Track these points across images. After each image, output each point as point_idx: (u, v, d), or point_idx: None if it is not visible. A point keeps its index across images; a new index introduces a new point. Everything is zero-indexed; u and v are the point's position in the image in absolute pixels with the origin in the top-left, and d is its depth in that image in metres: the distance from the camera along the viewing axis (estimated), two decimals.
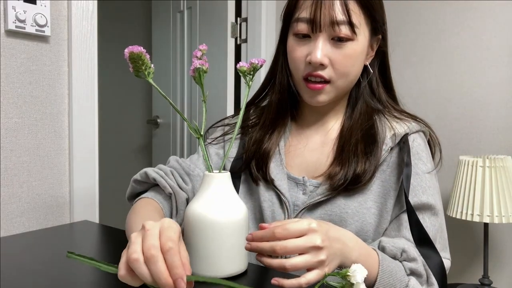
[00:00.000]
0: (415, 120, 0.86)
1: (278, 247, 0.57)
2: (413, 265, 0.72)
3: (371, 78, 0.87)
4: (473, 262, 1.71)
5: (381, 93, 0.87)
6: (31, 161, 1.11)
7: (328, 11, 0.76)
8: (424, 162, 0.81)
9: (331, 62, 0.78)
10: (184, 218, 0.71)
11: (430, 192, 0.80)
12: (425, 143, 0.85)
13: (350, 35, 0.77)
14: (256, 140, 0.89)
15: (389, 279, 0.69)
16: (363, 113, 0.85)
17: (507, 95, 1.64)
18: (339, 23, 0.76)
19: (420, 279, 0.72)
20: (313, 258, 0.58)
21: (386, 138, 0.82)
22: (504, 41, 1.64)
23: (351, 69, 0.80)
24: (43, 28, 1.11)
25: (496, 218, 1.40)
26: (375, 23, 0.82)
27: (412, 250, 0.73)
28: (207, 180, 0.70)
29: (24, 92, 1.10)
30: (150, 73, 0.67)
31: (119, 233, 0.96)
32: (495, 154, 1.60)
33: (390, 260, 0.71)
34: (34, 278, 0.69)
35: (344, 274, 0.54)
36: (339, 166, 0.80)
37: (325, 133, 0.89)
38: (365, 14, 0.79)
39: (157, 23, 2.52)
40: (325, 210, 0.81)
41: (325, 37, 0.78)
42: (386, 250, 0.73)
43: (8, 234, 1.06)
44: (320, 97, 0.81)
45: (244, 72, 0.75)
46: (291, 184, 0.86)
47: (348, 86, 0.84)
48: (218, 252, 0.67)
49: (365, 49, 0.82)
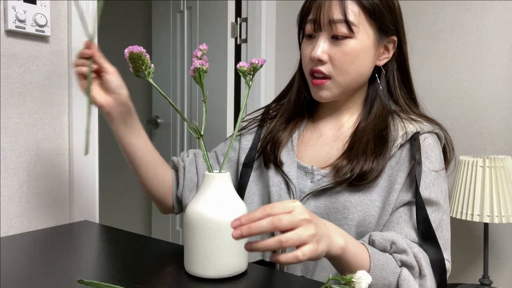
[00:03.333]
0: (430, 122, 0.87)
1: (275, 218, 0.57)
2: (403, 256, 0.72)
3: (389, 79, 0.90)
4: (473, 262, 1.71)
5: (399, 95, 0.90)
6: (31, 161, 1.11)
7: (326, 12, 0.81)
8: (431, 161, 0.82)
9: (330, 59, 0.83)
10: (184, 218, 0.71)
11: (434, 189, 0.80)
12: (436, 144, 0.85)
13: (347, 33, 0.81)
14: (272, 130, 0.95)
15: (381, 272, 0.70)
16: (379, 114, 0.87)
17: (507, 95, 1.64)
18: (336, 21, 0.81)
19: (412, 270, 0.72)
20: (305, 232, 0.58)
21: (397, 137, 0.83)
22: (504, 41, 1.64)
23: (351, 67, 0.83)
24: (43, 28, 1.11)
25: (496, 218, 1.40)
26: (381, 24, 0.84)
27: (401, 242, 0.73)
28: (207, 180, 0.70)
29: (24, 92, 1.10)
30: (150, 73, 0.67)
31: (119, 233, 0.96)
32: (495, 154, 1.60)
33: (380, 253, 0.72)
34: (34, 278, 0.69)
35: (349, 280, 0.54)
36: (346, 160, 0.83)
37: (338, 129, 0.91)
38: (366, 14, 0.82)
39: (157, 23, 2.52)
40: (330, 198, 0.83)
41: (326, 35, 0.83)
42: (375, 243, 0.74)
43: (8, 234, 1.06)
44: (323, 92, 0.86)
45: (244, 72, 0.75)
46: (300, 173, 0.89)
47: (351, 84, 0.86)
48: (218, 252, 0.67)
49: (369, 49, 0.84)
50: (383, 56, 0.88)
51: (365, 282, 0.53)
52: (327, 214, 0.82)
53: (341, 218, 0.81)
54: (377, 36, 0.85)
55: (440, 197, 0.81)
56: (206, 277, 0.67)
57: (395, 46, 0.88)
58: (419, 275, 0.72)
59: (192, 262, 0.68)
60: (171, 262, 0.76)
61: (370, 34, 0.83)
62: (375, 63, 0.88)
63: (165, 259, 0.80)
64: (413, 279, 0.71)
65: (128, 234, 0.94)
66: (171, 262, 0.76)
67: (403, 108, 0.89)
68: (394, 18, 0.86)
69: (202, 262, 0.67)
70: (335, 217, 0.82)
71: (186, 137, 2.33)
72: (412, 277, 0.71)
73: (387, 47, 0.88)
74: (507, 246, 1.65)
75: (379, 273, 0.70)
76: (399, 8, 0.88)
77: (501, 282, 1.65)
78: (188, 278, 0.69)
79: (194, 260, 0.68)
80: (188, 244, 0.68)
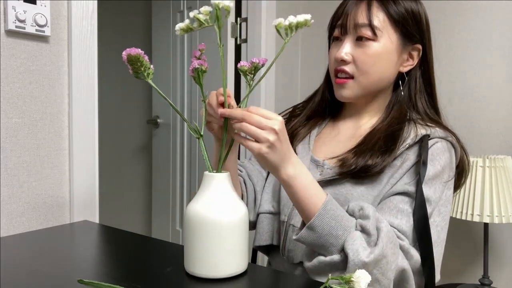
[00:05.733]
0: (445, 130, 0.88)
1: (247, 114, 0.68)
2: (364, 222, 0.73)
3: (411, 87, 0.92)
4: (473, 262, 1.71)
5: (419, 103, 0.92)
6: (31, 161, 1.11)
7: (353, 17, 0.88)
8: (434, 164, 0.83)
9: (354, 59, 0.88)
10: (184, 218, 0.71)
11: (426, 188, 0.80)
12: (445, 150, 0.85)
13: (371, 36, 0.86)
14: (293, 125, 1.00)
15: (331, 221, 0.72)
16: (396, 117, 0.90)
17: (507, 95, 1.64)
18: (361, 25, 0.87)
19: (368, 238, 0.71)
20: (264, 134, 0.68)
21: (408, 138, 0.85)
22: (505, 41, 1.64)
23: (373, 68, 0.88)
24: (43, 28, 1.11)
25: (496, 218, 1.40)
26: (405, 31, 0.88)
27: (369, 209, 0.74)
28: (207, 180, 0.70)
29: (24, 92, 1.10)
30: (149, 74, 0.67)
31: (119, 233, 0.96)
32: (495, 154, 1.60)
33: (340, 209, 0.75)
34: (34, 278, 0.69)
35: (348, 279, 0.54)
36: (353, 154, 0.86)
37: (356, 129, 0.95)
38: (390, 20, 0.87)
39: (157, 23, 2.52)
40: (334, 189, 0.86)
41: (351, 38, 0.89)
42: (349, 207, 0.78)
43: (8, 234, 1.06)
44: (344, 91, 0.90)
45: (245, 72, 0.75)
46: (313, 166, 0.93)
47: (372, 85, 0.90)
48: (218, 252, 0.67)
49: (392, 53, 0.88)
50: (407, 63, 0.92)
51: (365, 281, 0.53)
52: None
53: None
54: (401, 42, 0.89)
55: (433, 196, 0.81)
56: (206, 277, 0.67)
57: (420, 54, 0.91)
58: (375, 244, 0.71)
59: (192, 262, 0.68)
60: (171, 262, 0.76)
61: (393, 39, 0.88)
62: (398, 68, 0.91)
63: (165, 259, 0.80)
64: (362, 242, 0.71)
65: (128, 234, 0.94)
66: (171, 262, 0.76)
67: (422, 116, 0.91)
68: (419, 26, 0.90)
69: (202, 262, 0.67)
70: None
71: (186, 137, 2.33)
72: (363, 241, 0.71)
73: (412, 55, 0.91)
74: (507, 246, 1.65)
75: (328, 220, 0.72)
76: (426, 17, 0.92)
77: (501, 282, 1.65)
78: (188, 278, 0.69)
79: (194, 260, 0.68)
80: (188, 244, 0.68)
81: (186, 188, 2.33)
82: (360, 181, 0.84)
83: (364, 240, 0.71)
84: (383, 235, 0.71)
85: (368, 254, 0.69)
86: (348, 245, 0.70)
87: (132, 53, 0.64)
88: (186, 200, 2.33)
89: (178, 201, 2.39)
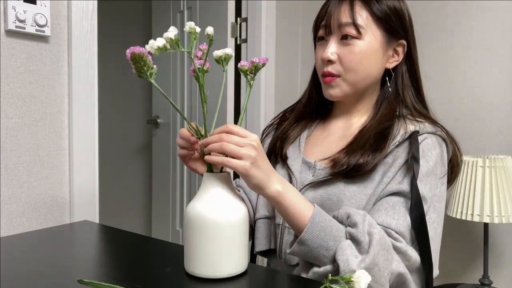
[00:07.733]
0: (433, 124, 0.88)
1: (224, 136, 0.68)
2: (353, 230, 0.72)
3: (398, 83, 0.93)
4: (473, 262, 1.71)
5: (407, 98, 0.93)
6: (31, 161, 1.11)
7: (336, 17, 0.89)
8: (426, 160, 0.83)
9: (339, 58, 0.89)
10: (184, 218, 0.71)
11: (421, 186, 0.80)
12: (436, 145, 0.85)
13: (355, 34, 0.87)
14: (283, 129, 1.01)
15: (320, 233, 0.72)
16: (385, 115, 0.90)
17: (507, 95, 1.64)
18: (345, 24, 0.88)
19: (358, 246, 0.71)
20: (245, 150, 0.68)
21: (397, 135, 0.85)
22: (505, 41, 1.64)
23: (359, 65, 0.88)
24: (43, 28, 1.11)
25: (496, 218, 1.40)
26: (389, 27, 0.89)
27: (356, 216, 0.73)
28: (207, 180, 0.70)
29: (24, 92, 1.10)
30: (152, 73, 0.67)
31: (119, 233, 0.96)
32: (495, 154, 1.60)
33: (329, 219, 0.75)
34: (34, 278, 0.69)
35: (348, 279, 0.54)
36: (344, 154, 0.86)
37: (346, 129, 0.95)
38: (373, 17, 0.88)
39: (157, 23, 2.52)
40: (326, 190, 0.86)
41: (335, 38, 0.90)
42: (338, 216, 0.77)
43: (8, 234, 1.06)
44: (333, 90, 0.91)
45: (245, 71, 0.75)
46: (304, 167, 0.93)
47: (359, 82, 0.90)
48: (218, 252, 0.67)
49: (377, 50, 0.89)
50: (393, 59, 0.93)
51: (365, 281, 0.53)
52: (322, 205, 0.84)
53: (335, 209, 0.82)
54: (385, 38, 0.90)
55: (428, 194, 0.81)
56: (206, 277, 0.67)
57: (405, 50, 0.93)
58: (366, 252, 0.70)
59: (192, 262, 0.68)
60: (171, 262, 0.76)
61: (378, 36, 0.89)
62: (384, 65, 0.92)
63: (165, 259, 0.80)
64: (353, 250, 0.70)
65: (128, 234, 0.94)
66: (171, 262, 0.76)
67: (411, 111, 0.91)
68: (402, 22, 0.91)
69: (202, 262, 0.67)
70: (330, 208, 0.83)
71: None
72: (354, 249, 0.71)
73: (397, 51, 0.93)
74: (507, 246, 1.65)
75: (317, 233, 0.72)
76: (409, 13, 0.93)
77: (501, 282, 1.65)
78: (188, 278, 0.69)
79: (194, 260, 0.68)
80: (188, 244, 0.68)
81: (186, 188, 2.33)
82: (353, 180, 0.84)
83: (354, 248, 0.71)
84: (375, 243, 0.70)
85: (358, 262, 0.69)
86: (339, 256, 0.70)
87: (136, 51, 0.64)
88: (186, 200, 2.33)
89: (178, 201, 2.39)
